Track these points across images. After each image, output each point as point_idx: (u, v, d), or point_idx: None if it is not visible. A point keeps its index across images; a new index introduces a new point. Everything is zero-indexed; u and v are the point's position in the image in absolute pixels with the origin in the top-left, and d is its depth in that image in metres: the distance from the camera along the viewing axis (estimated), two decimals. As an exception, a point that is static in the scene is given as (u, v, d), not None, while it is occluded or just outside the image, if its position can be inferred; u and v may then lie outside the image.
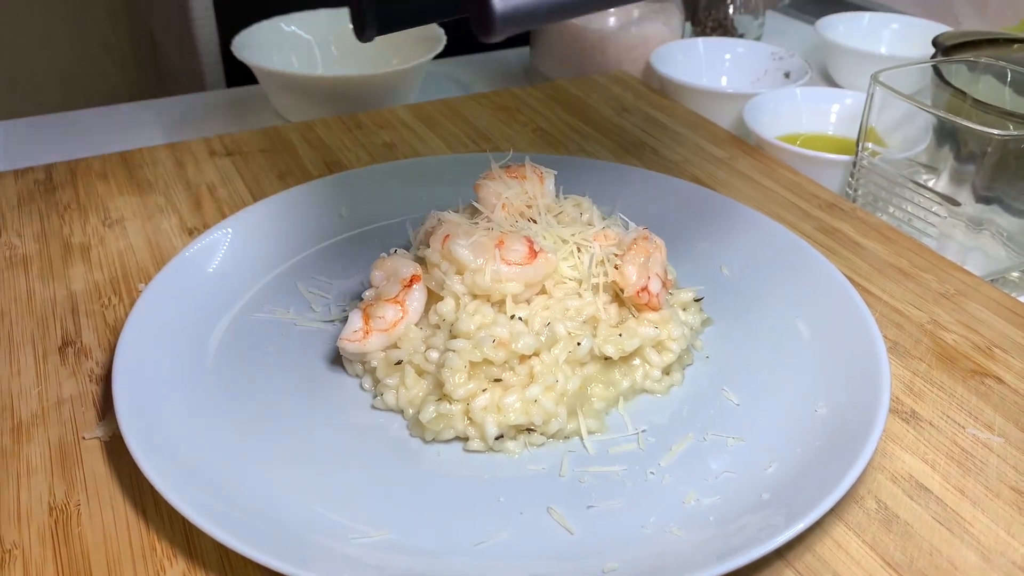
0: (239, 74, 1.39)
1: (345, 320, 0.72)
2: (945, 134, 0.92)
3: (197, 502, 0.54)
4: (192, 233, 0.87)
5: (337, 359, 0.69)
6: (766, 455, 0.61)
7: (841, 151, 1.02)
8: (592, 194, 0.77)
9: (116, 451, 0.62)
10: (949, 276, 0.82)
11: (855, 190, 0.96)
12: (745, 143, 1.06)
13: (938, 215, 0.88)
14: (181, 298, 0.72)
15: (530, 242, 0.65)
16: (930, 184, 0.91)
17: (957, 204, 0.85)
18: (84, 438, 0.63)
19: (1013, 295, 0.84)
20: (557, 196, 0.74)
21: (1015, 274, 0.89)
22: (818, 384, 0.66)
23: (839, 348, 0.68)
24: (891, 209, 0.94)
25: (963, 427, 0.65)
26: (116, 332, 0.73)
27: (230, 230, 0.80)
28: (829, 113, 1.10)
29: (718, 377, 0.68)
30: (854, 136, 1.07)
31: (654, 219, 0.84)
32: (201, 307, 0.73)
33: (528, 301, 0.65)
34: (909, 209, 0.92)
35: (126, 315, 0.74)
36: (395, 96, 1.17)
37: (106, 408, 0.65)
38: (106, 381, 0.68)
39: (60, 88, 2.16)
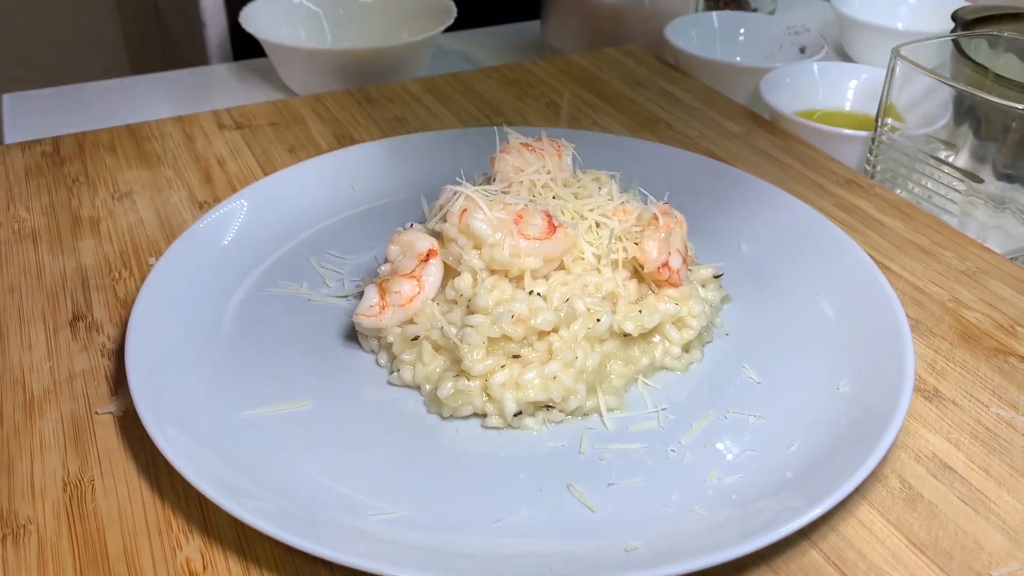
0: (246, 47, 1.37)
1: (360, 295, 0.71)
2: (965, 110, 0.91)
3: (213, 477, 0.53)
4: (202, 207, 0.86)
5: (352, 335, 0.68)
6: (788, 434, 0.60)
7: (858, 127, 1.01)
8: (608, 169, 0.75)
9: (130, 426, 0.61)
10: (970, 253, 0.81)
11: (874, 166, 0.95)
12: (761, 118, 1.04)
13: (959, 192, 0.87)
14: (193, 272, 0.71)
15: (549, 217, 0.63)
16: (949, 161, 0.90)
17: (980, 181, 0.84)
18: (97, 413, 0.62)
19: (1034, 273, 0.83)
20: (575, 170, 0.72)
21: (1035, 252, 0.88)
22: (841, 362, 0.65)
23: (861, 326, 0.67)
24: (910, 186, 0.92)
25: (987, 406, 0.64)
26: (127, 306, 0.72)
27: (242, 203, 0.79)
28: (846, 89, 1.09)
29: (738, 355, 0.67)
30: (872, 112, 1.06)
31: (671, 195, 0.83)
32: (213, 281, 0.72)
33: (546, 277, 0.64)
34: (929, 186, 0.91)
35: (137, 289, 0.74)
36: (405, 70, 1.15)
37: (119, 383, 0.65)
38: (118, 356, 0.67)
39: (65, 62, 2.14)
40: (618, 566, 0.49)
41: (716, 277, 0.71)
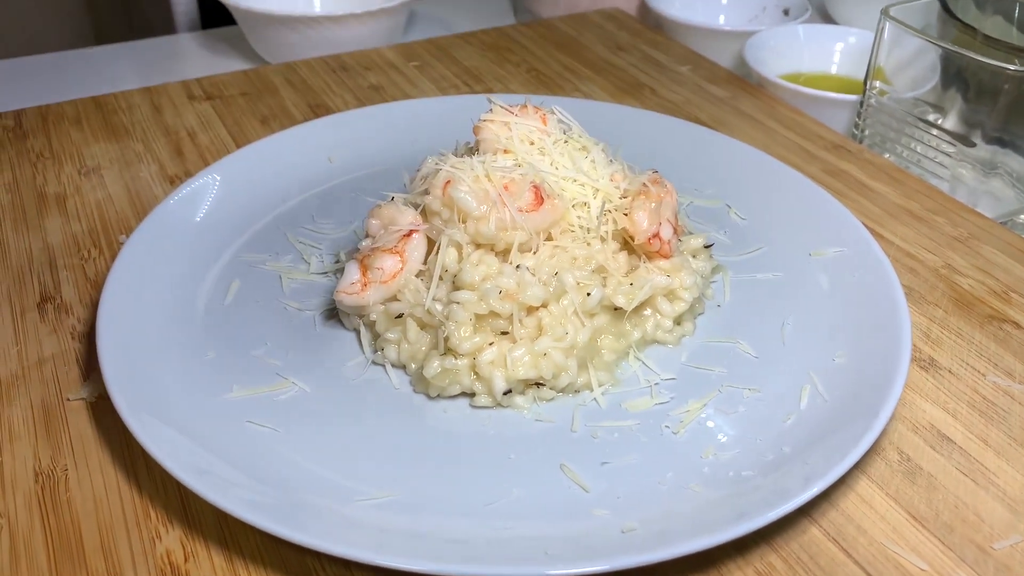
0: (215, 15, 1.33)
1: (340, 272, 0.69)
2: (954, 73, 0.89)
3: (191, 465, 0.51)
4: (173, 181, 0.82)
5: (333, 312, 0.66)
6: (784, 407, 0.58)
7: (845, 91, 0.99)
8: (593, 137, 0.73)
9: (103, 412, 0.58)
10: (961, 219, 0.80)
11: (862, 130, 0.93)
12: (746, 82, 1.02)
13: (949, 156, 0.86)
14: (166, 250, 0.68)
15: (537, 188, 0.61)
16: (939, 124, 0.88)
17: (972, 145, 0.82)
18: (69, 399, 0.60)
19: (1022, 236, 0.81)
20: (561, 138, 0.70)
21: (1023, 217, 0.87)
22: (836, 333, 0.63)
23: (855, 295, 0.66)
24: (899, 150, 0.91)
25: (983, 375, 0.63)
26: (97, 287, 0.69)
27: (214, 178, 0.76)
28: (832, 52, 1.07)
29: (731, 326, 0.66)
30: (858, 75, 1.04)
31: (658, 162, 0.80)
32: (187, 259, 0.69)
33: (533, 250, 0.62)
34: (918, 150, 0.89)
35: (107, 269, 0.70)
36: (380, 36, 1.12)
37: (90, 367, 0.62)
38: (89, 339, 0.64)
39: (23, 31, 2.07)
40: (615, 548, 0.48)
41: (707, 247, 0.70)
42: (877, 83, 0.91)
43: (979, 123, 0.84)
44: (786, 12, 1.20)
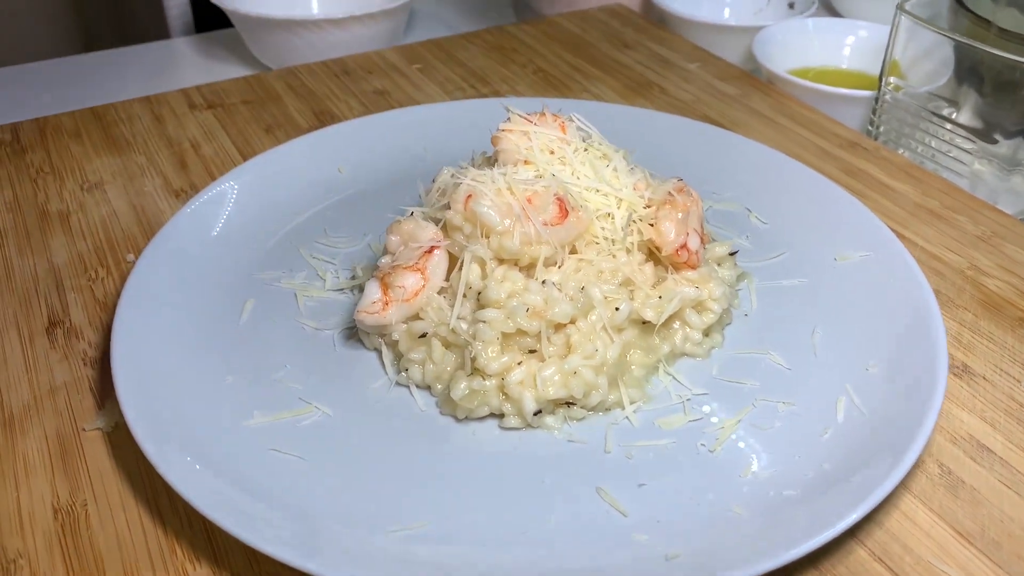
0: (209, 18, 1.30)
1: (358, 288, 0.68)
2: (968, 67, 0.88)
3: (217, 499, 0.49)
4: (179, 195, 0.80)
5: (353, 331, 0.64)
6: (820, 421, 0.57)
7: (855, 85, 0.98)
8: (607, 140, 0.71)
9: (121, 443, 0.57)
10: (983, 217, 0.79)
11: (877, 127, 0.91)
12: (757, 80, 1.00)
13: (968, 152, 0.84)
14: (176, 270, 0.66)
15: (560, 200, 0.60)
16: (958, 121, 0.87)
17: (993, 142, 0.81)
18: (84, 430, 0.58)
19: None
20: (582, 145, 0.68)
21: (1044, 212, 0.86)
22: (867, 341, 0.62)
23: (885, 302, 0.64)
24: (916, 147, 0.90)
25: (1018, 380, 0.62)
26: (107, 309, 0.67)
27: (222, 192, 0.74)
28: (842, 46, 1.05)
29: (760, 336, 0.64)
30: (869, 69, 1.03)
31: (675, 166, 0.79)
32: (198, 278, 0.67)
33: (559, 264, 0.60)
34: (933, 144, 0.88)
35: (116, 289, 0.69)
36: (381, 38, 1.10)
37: (105, 395, 0.60)
38: (102, 364, 0.63)
39: (7, 37, 2.03)
40: (660, 577, 0.46)
41: (731, 255, 0.68)
42: (892, 79, 0.89)
43: (998, 119, 0.83)
44: (791, 6, 1.18)
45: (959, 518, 0.53)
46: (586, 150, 0.65)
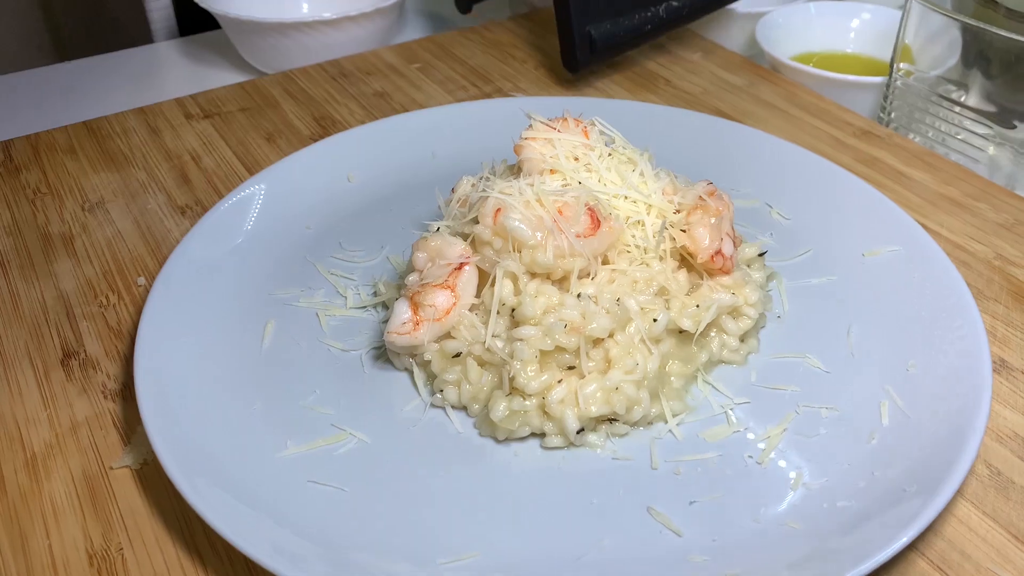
0: (193, 18, 1.26)
1: (380, 306, 0.66)
2: (977, 50, 0.87)
3: (257, 535, 0.48)
4: (184, 212, 0.78)
5: (380, 352, 0.62)
6: (866, 426, 0.56)
7: (862, 71, 0.97)
8: (619, 139, 0.68)
9: (151, 480, 0.55)
10: (1004, 204, 0.78)
11: (889, 113, 0.91)
12: (763, 68, 0.99)
13: (984, 138, 0.83)
14: (192, 294, 0.64)
15: (592, 210, 0.58)
16: (973, 106, 0.86)
17: (1012, 127, 0.80)
18: (112, 468, 0.56)
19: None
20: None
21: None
22: (904, 338, 0.61)
23: (918, 298, 0.64)
24: (929, 133, 0.89)
25: (1057, 374, 0.62)
26: (122, 336, 0.65)
27: (231, 208, 0.72)
28: (847, 29, 1.04)
29: (795, 339, 0.63)
30: (872, 53, 1.02)
31: (692, 162, 0.78)
32: (215, 302, 0.65)
33: (592, 276, 0.59)
34: (945, 130, 0.87)
35: (130, 315, 0.67)
36: (376, 37, 1.07)
37: (129, 429, 0.58)
38: (123, 397, 0.61)
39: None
40: (723, 600, 0.45)
41: (760, 255, 0.67)
42: (903, 64, 0.88)
43: (1014, 102, 0.82)
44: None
45: (1013, 520, 0.52)
46: (610, 155, 0.64)
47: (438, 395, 0.58)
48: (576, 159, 0.63)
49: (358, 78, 0.99)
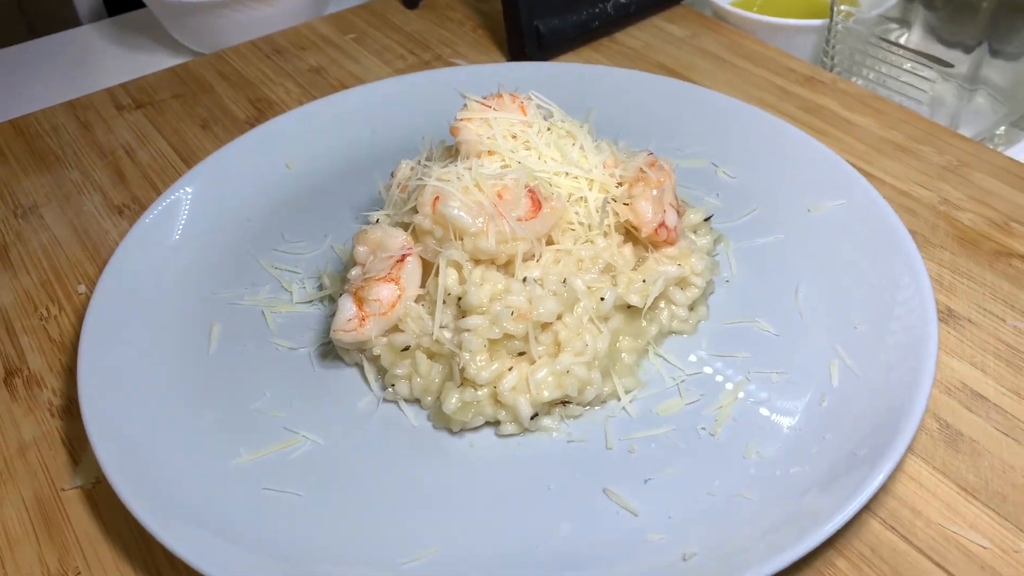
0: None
1: (328, 299, 0.65)
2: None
3: (219, 556, 0.47)
4: (122, 212, 0.76)
5: (329, 348, 0.61)
6: (816, 388, 0.57)
7: (806, 12, 0.95)
8: (561, 104, 0.67)
9: (105, 498, 0.54)
10: (947, 145, 0.78)
11: (831, 57, 0.90)
12: (706, 17, 0.98)
13: (926, 79, 0.83)
14: (134, 300, 0.63)
15: (532, 191, 0.57)
16: (902, 40, 0.85)
17: (950, 66, 0.80)
18: (64, 489, 0.55)
19: (1001, 150, 0.80)
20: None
21: (1001, 129, 0.85)
22: (851, 296, 0.61)
23: (864, 252, 0.64)
24: (871, 75, 0.88)
25: (1002, 319, 0.62)
26: (65, 349, 0.64)
27: (168, 207, 0.70)
28: (786, -30, 1.02)
29: (744, 303, 0.63)
30: (816, -7, 1.00)
31: (636, 124, 0.77)
32: (159, 308, 0.64)
33: (536, 257, 0.58)
34: (891, 73, 0.86)
35: (72, 326, 0.65)
36: (308, 8, 1.04)
37: (79, 447, 0.57)
38: (70, 413, 0.60)
39: None
40: (682, 580, 0.46)
41: (706, 220, 0.66)
42: (844, 6, 0.87)
43: (957, 35, 0.81)
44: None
45: (962, 473, 0.53)
46: (549, 130, 0.62)
47: (390, 389, 0.58)
48: (514, 137, 0.61)
49: (293, 54, 0.96)
